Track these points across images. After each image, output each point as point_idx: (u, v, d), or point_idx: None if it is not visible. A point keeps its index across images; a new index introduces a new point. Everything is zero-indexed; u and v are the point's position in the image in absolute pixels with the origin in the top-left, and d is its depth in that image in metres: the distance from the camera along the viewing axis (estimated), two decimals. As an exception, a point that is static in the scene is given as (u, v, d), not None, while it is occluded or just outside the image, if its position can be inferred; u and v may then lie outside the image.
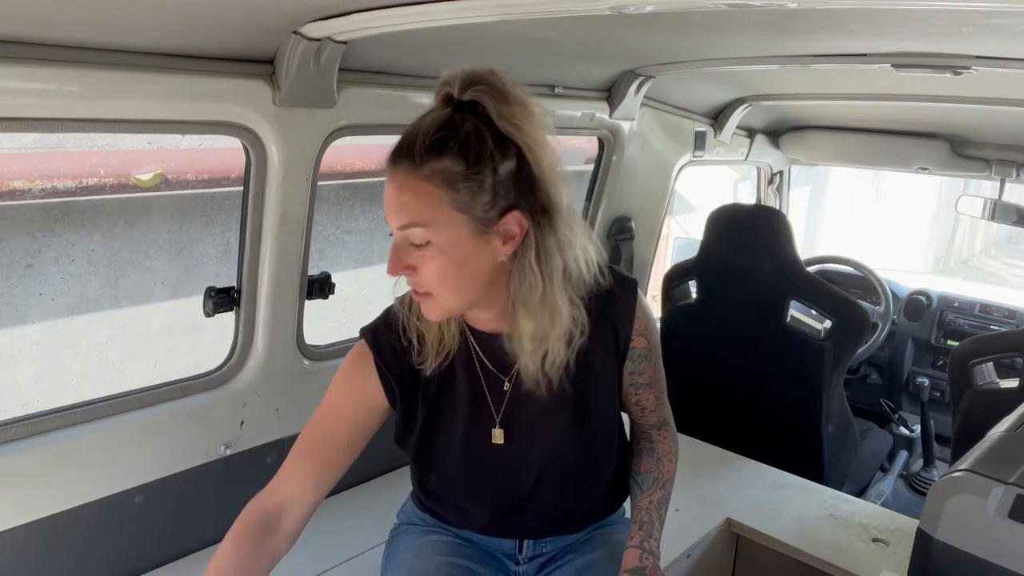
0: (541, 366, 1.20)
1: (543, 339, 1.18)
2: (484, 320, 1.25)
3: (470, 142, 1.07)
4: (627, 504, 1.47)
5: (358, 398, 1.28)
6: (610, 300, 1.27)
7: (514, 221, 1.11)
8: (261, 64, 1.51)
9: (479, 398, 1.28)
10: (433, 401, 1.28)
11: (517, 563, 1.43)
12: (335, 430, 1.29)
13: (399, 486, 1.62)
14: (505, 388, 1.28)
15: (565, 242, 1.15)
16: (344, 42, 1.48)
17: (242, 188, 1.65)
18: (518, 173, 1.10)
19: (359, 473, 2.00)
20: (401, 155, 1.09)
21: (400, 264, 1.11)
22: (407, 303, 1.26)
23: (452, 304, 1.17)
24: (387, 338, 1.27)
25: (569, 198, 1.16)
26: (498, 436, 1.28)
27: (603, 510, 1.45)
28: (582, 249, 1.18)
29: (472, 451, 1.30)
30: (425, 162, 1.07)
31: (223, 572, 1.17)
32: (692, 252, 2.64)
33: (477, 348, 1.27)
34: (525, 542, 1.41)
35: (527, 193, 1.11)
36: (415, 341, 1.25)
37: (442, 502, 1.40)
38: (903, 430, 3.35)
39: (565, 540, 1.43)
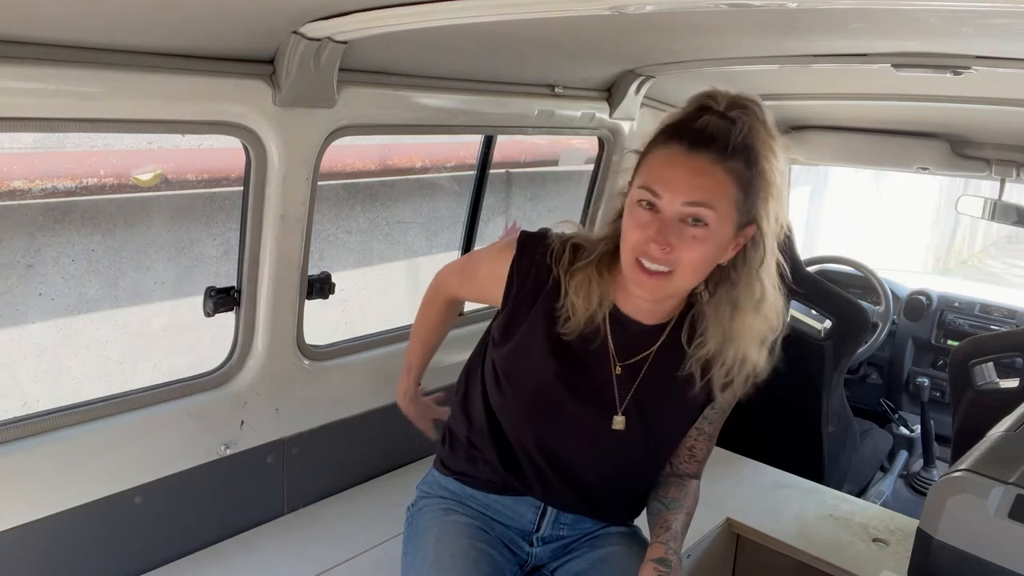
0: (732, 369, 1.31)
1: (749, 342, 1.29)
2: (645, 309, 1.32)
3: (753, 154, 1.20)
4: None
5: (488, 277, 1.43)
6: None
7: (752, 232, 1.24)
8: (261, 64, 1.51)
9: (582, 366, 1.35)
10: (536, 333, 1.35)
11: (532, 544, 1.47)
12: (474, 275, 1.52)
13: (403, 485, 1.63)
14: (618, 372, 1.35)
15: (767, 264, 1.27)
16: (344, 42, 1.48)
17: (242, 188, 1.65)
18: (764, 188, 1.22)
19: (361, 471, 2.00)
20: (707, 142, 1.18)
21: (665, 241, 1.18)
22: (562, 262, 1.33)
23: (682, 288, 1.26)
24: (532, 257, 1.36)
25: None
26: (619, 422, 1.35)
27: (625, 513, 1.52)
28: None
29: (548, 407, 1.37)
30: (732, 157, 1.18)
31: (429, 330, 1.66)
32: (692, 252, 2.63)
33: (608, 325, 1.34)
34: (547, 515, 1.45)
35: (762, 208, 1.23)
36: (557, 290, 1.33)
37: (483, 443, 1.43)
38: (903, 430, 3.35)
39: (582, 528, 1.47)
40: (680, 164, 1.18)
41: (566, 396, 1.36)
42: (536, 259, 1.35)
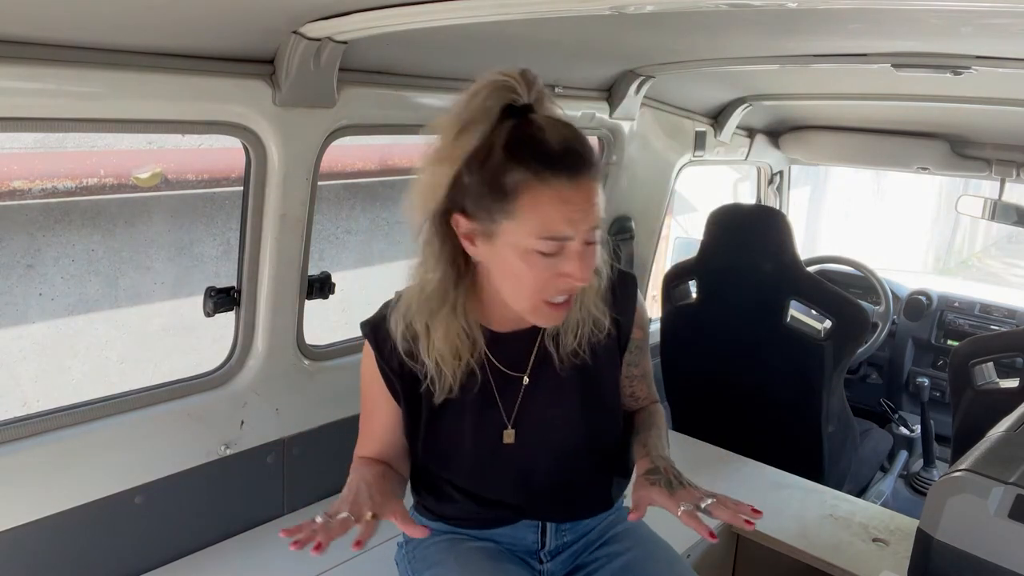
0: (578, 340, 1.28)
1: (588, 313, 1.28)
2: (512, 319, 1.26)
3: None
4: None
5: (379, 394, 1.32)
6: (614, 292, 1.33)
7: None
8: (261, 64, 1.51)
9: (488, 399, 1.30)
10: (436, 404, 1.29)
11: (541, 561, 1.42)
12: (376, 416, 1.34)
13: (399, 486, 1.62)
14: (524, 382, 1.31)
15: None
16: (344, 42, 1.48)
17: (242, 188, 1.65)
18: None
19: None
20: (581, 164, 1.11)
21: (588, 271, 1.14)
22: (406, 335, 1.25)
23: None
24: (386, 338, 1.27)
25: None
26: (509, 436, 1.32)
27: (612, 493, 1.46)
28: None
29: (484, 451, 1.32)
30: (599, 169, 1.16)
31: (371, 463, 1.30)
32: (692, 252, 2.64)
33: (488, 351, 1.29)
34: (547, 532, 1.40)
35: None
36: (429, 369, 1.25)
37: (455, 503, 1.38)
38: (903, 430, 3.34)
39: (584, 528, 1.43)
40: (573, 199, 1.10)
41: (502, 440, 1.32)
42: (392, 344, 1.26)
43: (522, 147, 1.10)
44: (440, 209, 1.16)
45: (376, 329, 1.29)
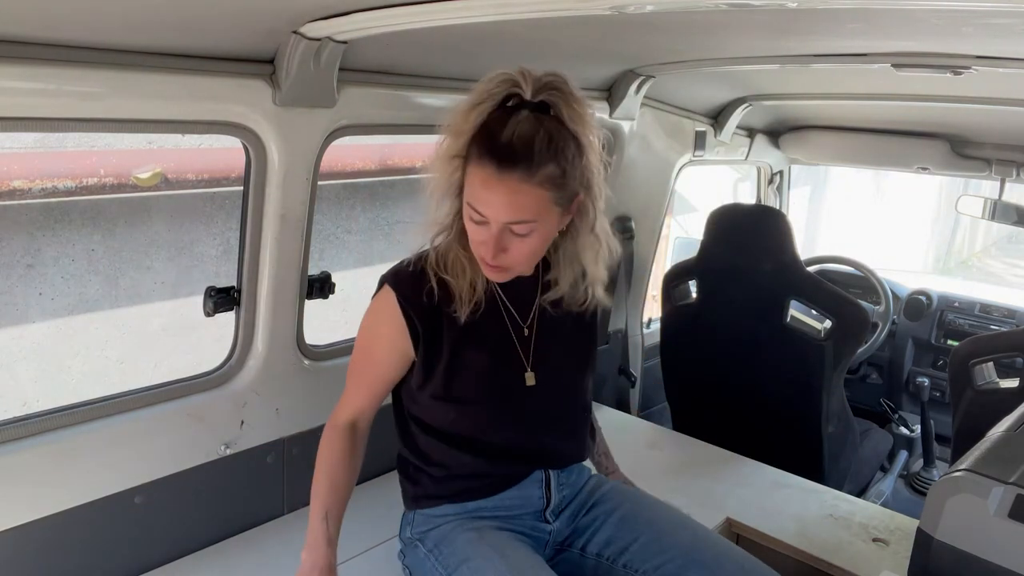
0: (578, 296, 1.44)
1: (592, 279, 1.42)
2: None
3: (563, 149, 1.24)
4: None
5: (388, 345, 1.41)
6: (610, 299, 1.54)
7: (578, 203, 1.33)
8: (261, 64, 1.51)
9: (507, 342, 1.42)
10: (456, 343, 1.37)
11: (548, 521, 1.48)
12: (375, 369, 1.44)
13: (399, 485, 1.62)
14: (526, 333, 1.44)
15: (599, 222, 1.38)
16: (344, 42, 1.48)
17: (242, 188, 1.65)
18: (583, 165, 1.28)
19: (361, 471, 1.99)
20: (515, 163, 1.21)
21: (499, 250, 1.27)
22: (431, 260, 1.38)
23: (528, 270, 1.39)
24: (410, 282, 1.38)
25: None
26: (531, 379, 1.43)
27: (588, 435, 1.61)
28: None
29: (505, 393, 1.42)
30: (539, 170, 1.22)
31: (334, 464, 1.43)
32: (692, 252, 2.64)
33: (502, 295, 1.42)
34: (551, 483, 1.47)
35: (585, 180, 1.30)
36: (445, 293, 1.36)
37: (463, 466, 1.43)
38: (903, 430, 3.34)
39: (578, 481, 1.53)
40: (493, 187, 1.22)
41: (523, 383, 1.42)
42: (416, 284, 1.37)
43: (483, 129, 1.24)
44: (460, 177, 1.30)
45: (399, 271, 1.40)
